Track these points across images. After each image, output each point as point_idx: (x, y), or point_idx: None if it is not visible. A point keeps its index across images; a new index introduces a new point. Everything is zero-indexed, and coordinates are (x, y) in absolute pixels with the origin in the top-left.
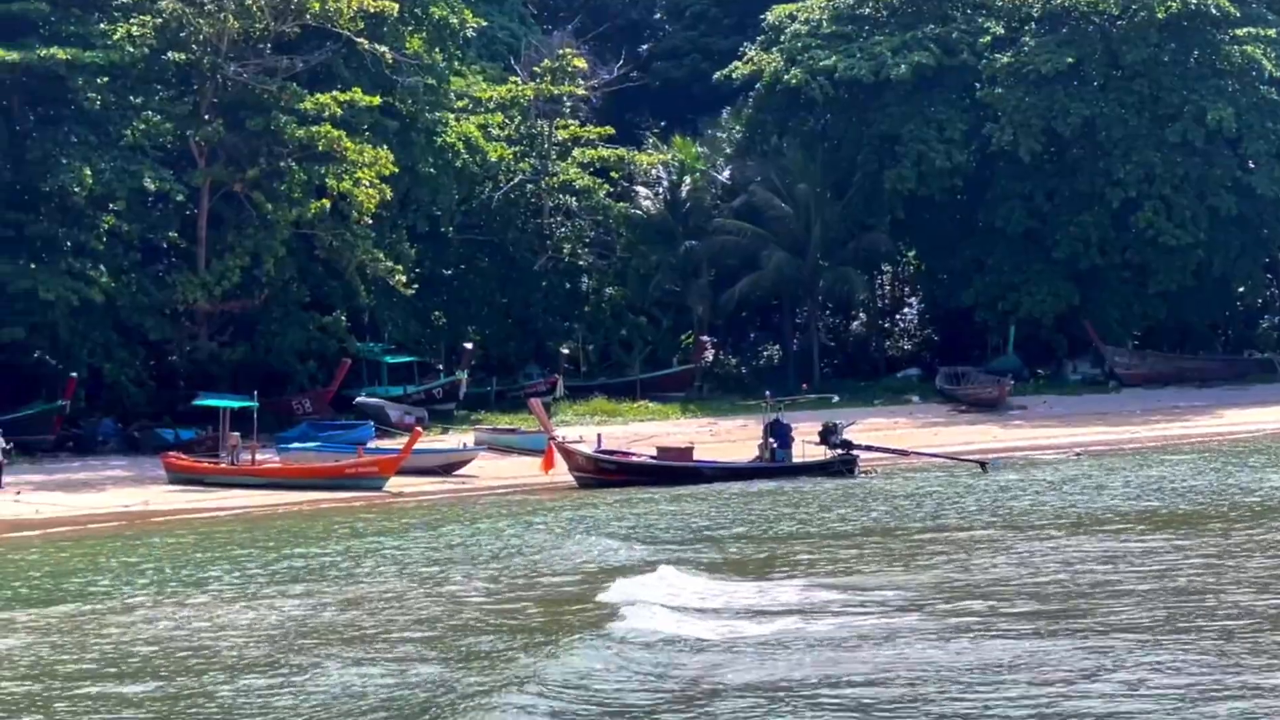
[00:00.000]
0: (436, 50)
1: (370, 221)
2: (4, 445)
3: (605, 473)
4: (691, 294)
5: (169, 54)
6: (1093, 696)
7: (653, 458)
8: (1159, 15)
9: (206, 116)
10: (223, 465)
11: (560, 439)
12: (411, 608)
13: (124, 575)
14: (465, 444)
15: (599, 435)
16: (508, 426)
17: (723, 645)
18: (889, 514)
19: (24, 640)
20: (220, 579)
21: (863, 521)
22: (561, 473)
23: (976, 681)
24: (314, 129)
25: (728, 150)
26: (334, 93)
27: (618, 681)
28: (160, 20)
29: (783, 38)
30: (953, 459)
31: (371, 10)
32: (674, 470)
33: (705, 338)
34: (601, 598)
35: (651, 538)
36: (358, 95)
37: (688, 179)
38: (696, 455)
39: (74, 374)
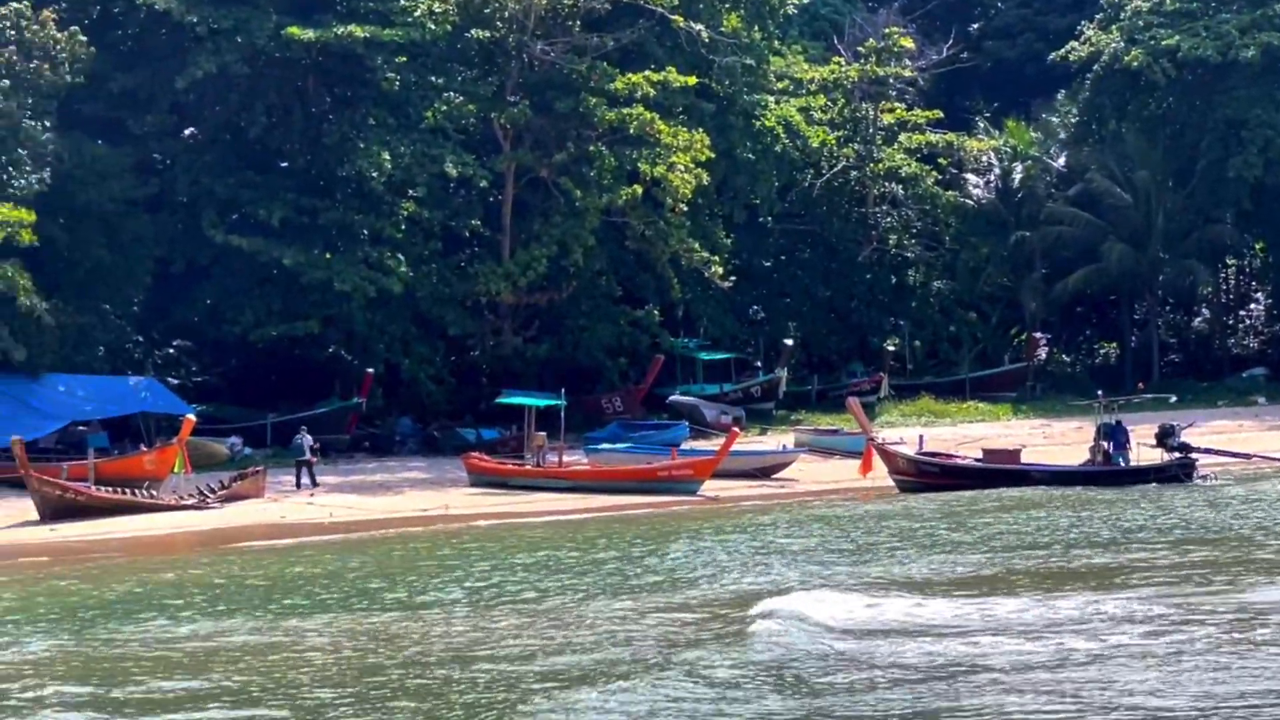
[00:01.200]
0: (755, 28)
1: (685, 209)
2: (312, 443)
3: (927, 476)
4: (1023, 288)
5: (472, 31)
6: None
7: (978, 460)
8: None
9: (511, 98)
10: (528, 467)
11: (880, 440)
12: (591, 620)
13: (424, 582)
14: (784, 446)
15: (920, 437)
16: (829, 427)
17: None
18: (1217, 521)
19: (331, 651)
20: (523, 587)
21: (1181, 530)
22: (882, 476)
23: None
24: (625, 111)
25: (1063, 135)
26: (646, 73)
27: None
28: None
29: (1123, 15)
30: None
31: None
32: (1000, 473)
33: (1038, 334)
34: (753, 611)
35: (957, 544)
36: (672, 75)
37: (1020, 166)
38: (1025, 458)
39: (370, 370)
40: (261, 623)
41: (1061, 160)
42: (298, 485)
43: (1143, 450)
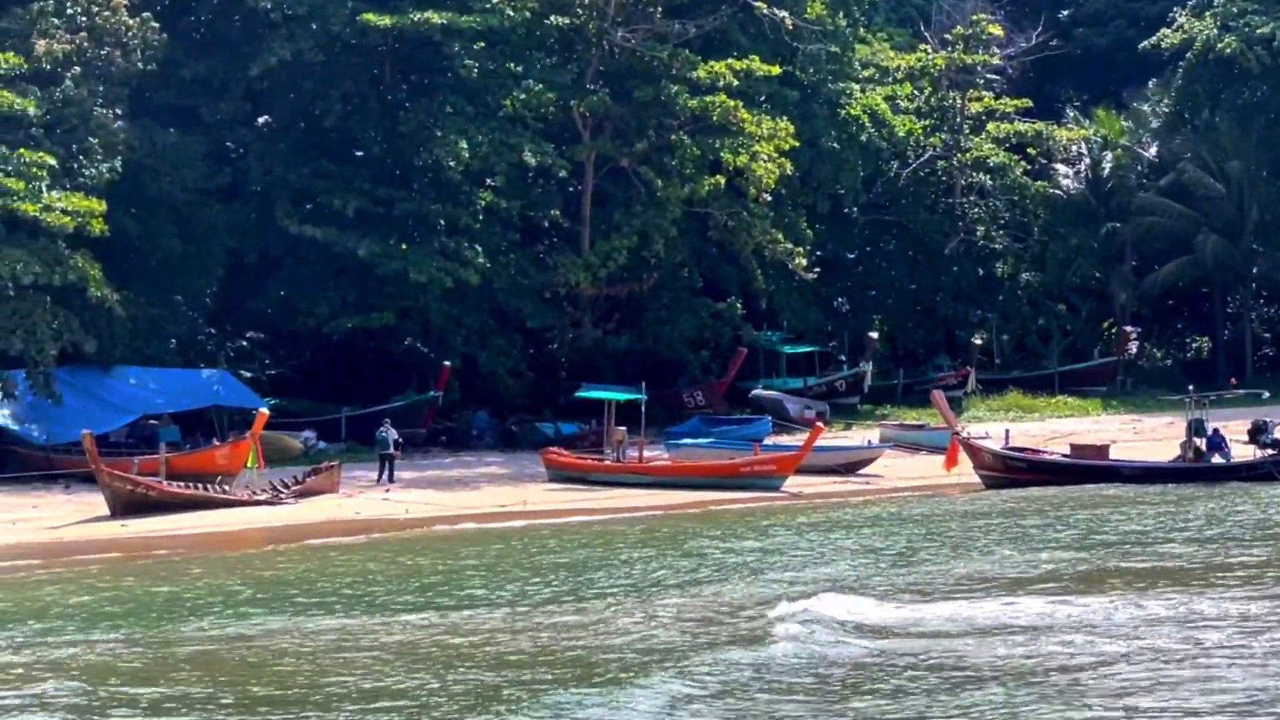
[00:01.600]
0: (840, 15)
1: (768, 199)
2: (396, 437)
3: (1014, 471)
4: (1114, 280)
5: (551, 18)
6: None
7: (1065, 456)
8: None
9: (591, 86)
10: (607, 462)
11: (965, 435)
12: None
13: (500, 580)
14: (869, 441)
15: (1006, 431)
16: (915, 422)
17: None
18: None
19: (408, 649)
20: (604, 585)
21: (1275, 527)
22: (968, 472)
23: None
24: (708, 99)
25: (1154, 124)
26: (729, 60)
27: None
28: None
29: (1216, 2)
30: None
31: None
32: (1088, 470)
33: (1128, 327)
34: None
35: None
36: (755, 64)
37: (1110, 155)
38: (1115, 454)
39: (447, 363)
40: (336, 620)
41: (1153, 150)
42: (379, 479)
43: (1235, 447)
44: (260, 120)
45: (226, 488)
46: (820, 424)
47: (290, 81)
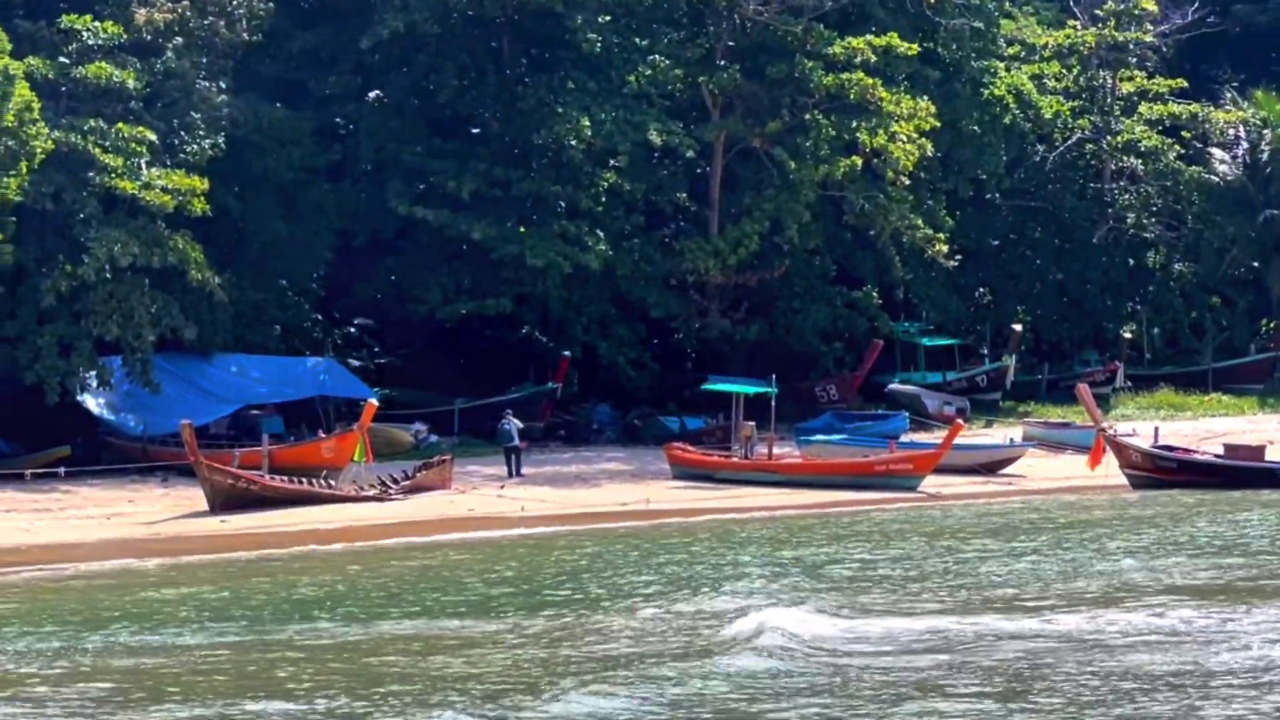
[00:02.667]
0: None
1: (906, 182)
2: (520, 426)
3: (1164, 471)
4: (1272, 272)
5: None
6: None
7: (1218, 456)
8: None
9: (722, 62)
10: (735, 459)
11: (1111, 432)
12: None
13: (618, 582)
14: (1011, 439)
15: (1155, 429)
16: (1060, 420)
17: None
18: None
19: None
20: (721, 588)
21: None
22: (1115, 473)
23: None
24: (844, 76)
25: None
26: (868, 36)
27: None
28: None
29: None
30: None
31: None
32: (1243, 471)
33: None
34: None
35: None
36: (894, 40)
37: (1269, 139)
38: (1272, 456)
39: (566, 353)
40: (435, 625)
41: None
42: (509, 474)
43: None
44: (371, 95)
45: (332, 482)
46: (960, 421)
47: (403, 55)
